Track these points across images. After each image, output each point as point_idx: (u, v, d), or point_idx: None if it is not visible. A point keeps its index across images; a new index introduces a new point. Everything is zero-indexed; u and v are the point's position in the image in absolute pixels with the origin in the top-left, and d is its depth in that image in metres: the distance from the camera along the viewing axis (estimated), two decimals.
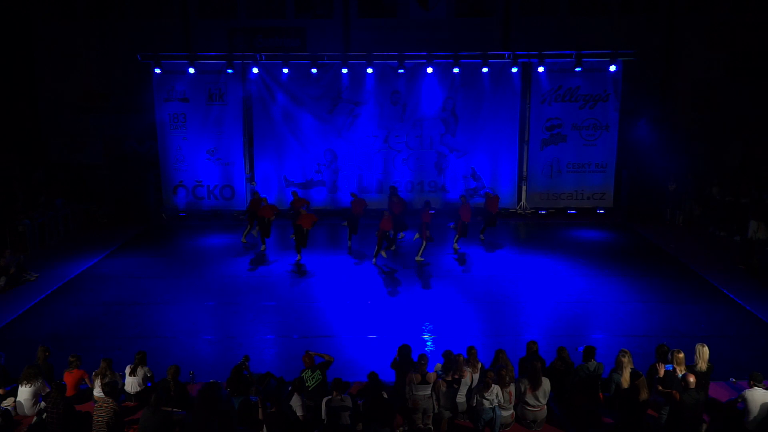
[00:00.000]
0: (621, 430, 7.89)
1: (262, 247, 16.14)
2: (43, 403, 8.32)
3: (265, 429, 7.66)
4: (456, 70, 18.46)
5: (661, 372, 8.15)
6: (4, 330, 11.62)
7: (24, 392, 8.51)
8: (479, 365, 8.65)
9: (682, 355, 8.29)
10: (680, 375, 7.98)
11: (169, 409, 8.08)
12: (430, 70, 18.42)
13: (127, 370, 8.88)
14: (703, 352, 8.31)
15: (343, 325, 11.70)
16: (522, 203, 19.78)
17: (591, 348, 8.75)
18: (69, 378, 8.75)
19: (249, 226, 16.88)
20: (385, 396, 7.95)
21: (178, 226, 19.01)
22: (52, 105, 20.90)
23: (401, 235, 16.44)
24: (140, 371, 8.85)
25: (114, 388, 8.00)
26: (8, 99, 20.05)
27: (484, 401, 7.94)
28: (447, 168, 19.58)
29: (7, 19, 20.02)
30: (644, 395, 7.71)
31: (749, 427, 7.98)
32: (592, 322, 11.69)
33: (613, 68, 18.46)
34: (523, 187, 19.80)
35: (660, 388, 7.91)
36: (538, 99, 19.11)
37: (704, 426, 7.75)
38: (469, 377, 8.48)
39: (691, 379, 7.49)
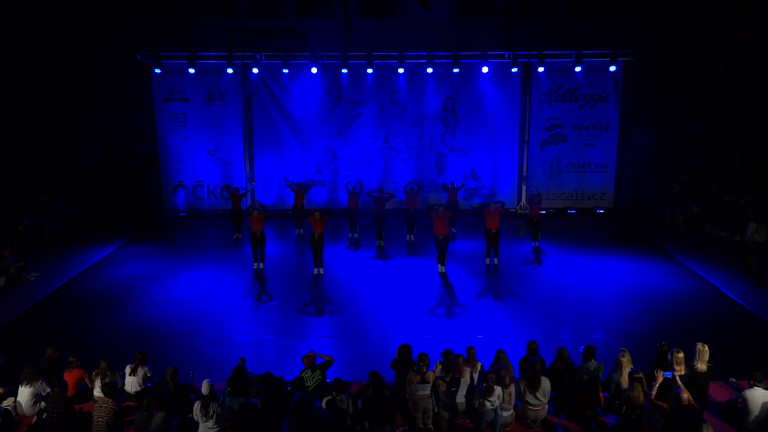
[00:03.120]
0: (621, 430, 7.88)
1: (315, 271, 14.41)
2: (43, 403, 8.32)
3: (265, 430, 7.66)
4: (456, 70, 18.47)
5: (659, 379, 7.92)
6: (4, 330, 11.62)
7: (24, 393, 8.50)
8: (479, 365, 8.65)
9: (681, 354, 8.27)
10: (678, 383, 7.89)
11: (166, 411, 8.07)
12: (430, 70, 18.44)
13: (127, 370, 8.87)
14: (704, 352, 8.28)
15: (343, 324, 11.70)
16: (522, 203, 19.78)
17: (591, 348, 8.74)
18: (69, 378, 8.74)
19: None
20: (386, 394, 7.95)
21: (178, 226, 19.01)
22: (52, 105, 20.92)
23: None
24: (140, 371, 8.85)
25: (113, 389, 7.99)
26: (8, 99, 20.05)
27: (487, 403, 7.93)
28: (447, 168, 19.58)
29: (7, 19, 20.02)
30: (640, 395, 7.67)
31: (749, 427, 7.97)
32: (592, 322, 11.69)
33: (613, 68, 18.46)
34: (523, 187, 19.80)
35: (653, 395, 7.80)
36: (538, 99, 19.12)
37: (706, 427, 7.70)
38: (469, 377, 8.48)
39: (685, 395, 7.39)
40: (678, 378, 7.96)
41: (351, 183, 17.42)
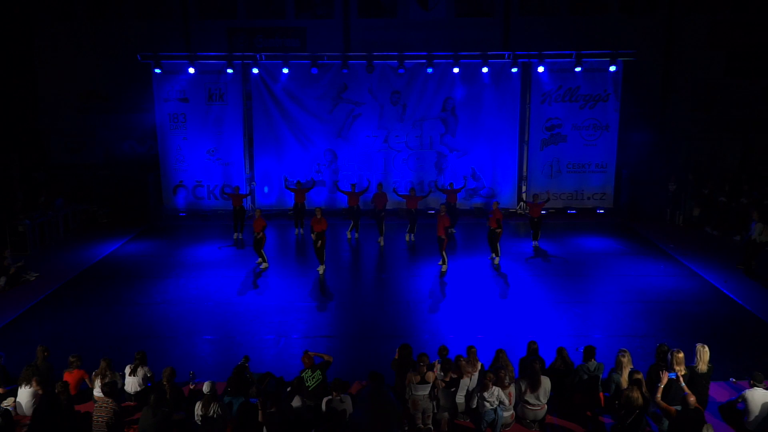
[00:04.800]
0: (620, 430, 7.87)
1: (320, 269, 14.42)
2: None
3: (264, 430, 7.66)
4: (456, 70, 18.47)
5: (664, 380, 7.84)
6: (4, 330, 11.61)
7: (23, 393, 8.50)
8: (479, 365, 8.65)
9: (681, 354, 8.27)
10: (682, 384, 7.88)
11: (168, 409, 8.07)
12: (430, 70, 18.44)
13: (127, 370, 8.87)
14: (704, 353, 8.28)
15: (343, 324, 11.70)
16: (522, 203, 19.78)
17: (591, 348, 8.74)
18: (69, 378, 8.73)
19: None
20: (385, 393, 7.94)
21: (178, 226, 19.01)
22: (52, 105, 20.92)
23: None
24: (140, 371, 8.85)
25: (113, 388, 7.99)
26: (9, 99, 20.05)
27: (486, 403, 7.93)
28: (447, 168, 19.58)
29: (7, 19, 20.02)
30: (639, 396, 7.66)
31: (749, 427, 7.98)
32: (592, 322, 11.69)
33: (613, 68, 18.47)
34: (523, 187, 19.80)
35: (659, 398, 7.78)
36: (538, 99, 19.12)
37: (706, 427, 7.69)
38: (468, 377, 8.48)
39: (692, 399, 7.38)
40: (681, 379, 7.95)
41: (355, 182, 17.55)
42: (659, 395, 7.73)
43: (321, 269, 14.31)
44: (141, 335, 11.26)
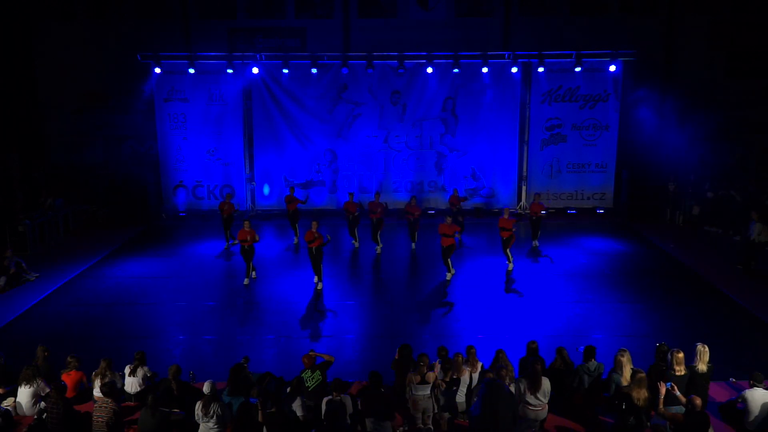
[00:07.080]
0: (620, 430, 7.87)
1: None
2: (42, 404, 8.32)
3: (264, 430, 7.66)
4: (456, 70, 18.47)
5: (662, 391, 7.77)
6: (4, 330, 11.62)
7: (23, 393, 8.50)
8: (479, 365, 8.65)
9: (681, 354, 8.26)
10: (676, 393, 7.87)
11: (167, 410, 8.07)
12: (430, 70, 18.44)
13: (127, 370, 8.87)
14: (704, 353, 8.28)
15: (343, 325, 11.70)
16: (522, 203, 19.79)
17: (591, 348, 8.74)
18: (67, 379, 8.71)
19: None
20: (383, 391, 7.94)
21: (178, 226, 19.01)
22: (52, 105, 20.91)
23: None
24: (140, 371, 8.85)
25: (113, 388, 7.99)
26: (8, 99, 20.04)
27: None
28: (447, 168, 19.59)
29: (6, 19, 20.01)
30: (642, 395, 7.63)
31: (749, 428, 7.98)
32: (592, 322, 11.69)
33: (613, 68, 18.49)
34: (523, 187, 19.82)
35: (662, 409, 7.76)
36: (538, 99, 19.13)
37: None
38: (468, 377, 8.48)
39: (698, 401, 7.35)
40: (676, 388, 7.93)
41: (352, 191, 17.51)
42: (662, 406, 7.72)
43: (316, 281, 13.67)
44: (141, 335, 11.26)
